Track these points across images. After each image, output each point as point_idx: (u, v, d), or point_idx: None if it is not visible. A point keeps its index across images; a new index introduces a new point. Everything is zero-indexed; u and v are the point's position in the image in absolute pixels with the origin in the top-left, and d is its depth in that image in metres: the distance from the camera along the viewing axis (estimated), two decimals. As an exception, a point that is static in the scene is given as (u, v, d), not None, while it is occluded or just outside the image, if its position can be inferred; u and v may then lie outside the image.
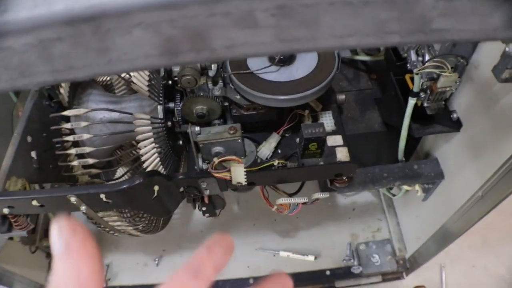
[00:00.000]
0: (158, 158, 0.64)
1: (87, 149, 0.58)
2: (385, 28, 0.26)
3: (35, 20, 0.23)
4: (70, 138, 0.58)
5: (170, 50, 0.26)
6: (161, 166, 0.66)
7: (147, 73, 0.62)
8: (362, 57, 0.82)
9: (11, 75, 0.27)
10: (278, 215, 0.99)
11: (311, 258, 0.93)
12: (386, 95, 0.75)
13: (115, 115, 0.61)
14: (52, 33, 0.24)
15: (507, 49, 0.46)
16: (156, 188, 0.54)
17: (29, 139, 0.68)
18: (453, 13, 0.26)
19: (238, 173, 0.57)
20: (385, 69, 0.76)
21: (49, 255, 1.01)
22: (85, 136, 0.57)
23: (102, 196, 0.50)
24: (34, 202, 0.53)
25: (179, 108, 0.66)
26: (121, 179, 0.71)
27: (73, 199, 0.51)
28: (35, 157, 0.69)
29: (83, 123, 0.57)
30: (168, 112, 0.67)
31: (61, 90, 0.64)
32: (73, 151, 0.58)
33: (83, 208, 0.54)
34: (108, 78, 0.74)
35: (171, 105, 0.67)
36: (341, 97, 0.69)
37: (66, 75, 0.27)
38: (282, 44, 0.26)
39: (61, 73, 0.27)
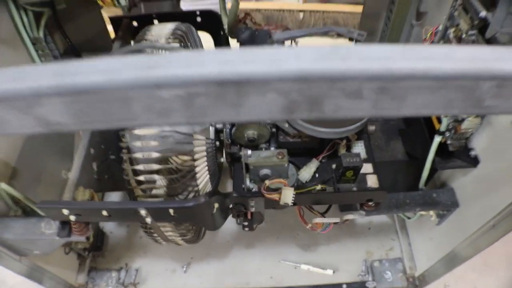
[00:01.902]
0: (208, 175, 0.72)
1: (155, 166, 0.65)
2: (451, 104, 0.35)
3: (190, 78, 0.31)
4: (139, 155, 0.66)
5: (290, 109, 0.34)
6: (209, 183, 0.74)
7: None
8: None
9: (149, 116, 0.35)
10: (300, 229, 1.08)
11: (329, 272, 1.01)
12: (411, 129, 0.84)
13: (177, 136, 0.68)
14: (202, 89, 0.32)
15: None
16: (216, 205, 0.62)
17: (92, 151, 0.75)
18: (501, 96, 0.34)
19: (287, 195, 0.65)
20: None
21: (80, 256, 1.07)
22: (154, 154, 0.65)
23: (171, 211, 0.58)
24: (104, 212, 0.60)
25: (228, 130, 0.74)
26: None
27: (143, 212, 0.58)
28: (96, 168, 0.76)
29: (153, 142, 0.65)
30: (217, 132, 0.75)
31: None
32: (140, 167, 0.65)
33: (148, 220, 0.61)
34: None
35: (220, 126, 0.75)
36: (372, 128, 0.78)
37: (198, 119, 0.35)
38: (375, 110, 0.35)
39: (195, 118, 0.35)
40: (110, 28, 0.88)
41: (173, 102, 0.34)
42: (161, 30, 0.76)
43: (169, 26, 0.78)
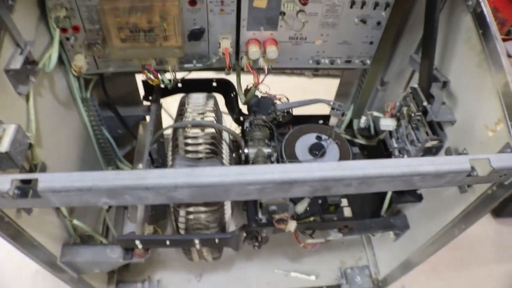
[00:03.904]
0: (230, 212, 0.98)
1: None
2: (397, 186, 0.64)
3: (267, 181, 0.58)
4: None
5: (312, 192, 0.62)
6: (230, 215, 1.00)
7: (228, 157, 0.96)
8: (360, 141, 1.21)
9: (237, 197, 0.61)
10: (289, 245, 1.35)
11: (313, 277, 1.29)
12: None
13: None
14: (271, 186, 0.58)
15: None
16: (244, 234, 0.88)
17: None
18: (424, 181, 0.63)
19: (291, 226, 0.92)
20: (375, 151, 1.15)
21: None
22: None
23: (217, 240, 0.83)
24: (168, 242, 0.84)
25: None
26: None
27: (197, 241, 0.83)
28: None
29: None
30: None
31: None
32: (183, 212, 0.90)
33: (197, 246, 0.85)
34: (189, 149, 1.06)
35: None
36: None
37: (265, 197, 0.62)
38: (357, 190, 0.63)
39: (257, 195, 0.62)
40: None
41: (253, 191, 0.60)
42: (198, 99, 0.99)
43: (203, 95, 1.02)
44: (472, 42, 0.79)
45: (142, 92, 1.14)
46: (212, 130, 0.90)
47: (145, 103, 1.16)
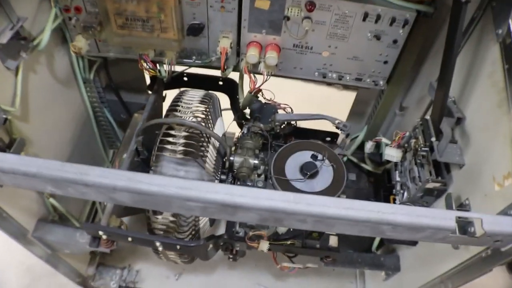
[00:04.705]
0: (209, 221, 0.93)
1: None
2: (363, 231, 0.55)
3: (210, 200, 0.52)
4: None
5: (261, 220, 0.55)
6: (208, 222, 0.95)
7: (213, 162, 0.91)
8: (367, 166, 1.11)
9: (179, 210, 0.56)
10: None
11: (294, 301, 1.22)
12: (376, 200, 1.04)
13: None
14: (214, 206, 0.53)
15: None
16: (210, 246, 0.83)
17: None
18: (396, 231, 0.55)
19: (264, 246, 0.86)
20: (379, 180, 1.05)
21: (92, 252, 1.28)
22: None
23: (178, 246, 0.79)
24: (129, 238, 0.81)
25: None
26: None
27: (158, 243, 0.80)
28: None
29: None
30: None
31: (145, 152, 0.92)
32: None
33: (160, 248, 0.82)
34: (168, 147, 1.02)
35: (223, 177, 0.96)
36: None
37: (206, 216, 0.56)
38: (314, 228, 0.56)
39: (205, 215, 0.56)
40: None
41: (195, 207, 0.55)
42: (193, 97, 0.96)
43: (200, 93, 0.98)
44: (496, 77, 0.68)
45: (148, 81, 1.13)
46: (197, 131, 0.85)
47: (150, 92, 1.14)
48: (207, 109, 0.93)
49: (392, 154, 0.91)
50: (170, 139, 0.85)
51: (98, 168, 0.55)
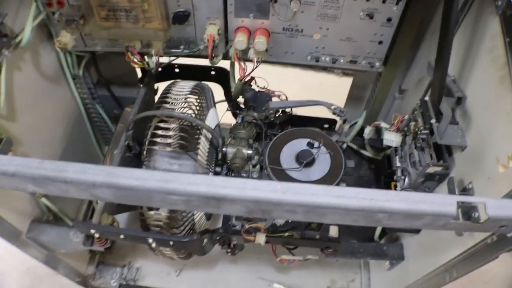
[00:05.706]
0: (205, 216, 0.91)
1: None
2: (357, 221, 0.52)
3: (191, 193, 0.49)
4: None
5: (248, 212, 0.52)
6: (204, 216, 0.92)
7: (206, 154, 0.88)
8: (367, 153, 1.07)
9: (162, 204, 0.53)
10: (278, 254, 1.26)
11: (297, 293, 1.19)
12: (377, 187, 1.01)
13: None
14: (196, 199, 0.50)
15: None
16: (205, 240, 0.80)
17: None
18: (392, 219, 0.51)
19: (260, 239, 0.83)
20: (380, 166, 1.01)
21: (92, 250, 1.27)
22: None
23: (171, 242, 0.77)
24: (122, 236, 0.79)
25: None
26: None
27: (150, 240, 0.77)
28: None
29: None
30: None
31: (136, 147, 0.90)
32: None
33: (153, 245, 0.80)
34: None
35: (218, 169, 0.93)
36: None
37: (191, 209, 0.53)
38: (305, 218, 0.53)
39: (189, 209, 0.54)
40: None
41: (177, 201, 0.52)
42: (183, 88, 0.93)
43: (191, 84, 0.95)
44: (496, 52, 0.64)
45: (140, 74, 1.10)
46: (187, 123, 0.83)
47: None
48: (198, 100, 0.90)
49: (391, 138, 0.88)
50: (160, 132, 0.82)
51: (77, 164, 0.52)
